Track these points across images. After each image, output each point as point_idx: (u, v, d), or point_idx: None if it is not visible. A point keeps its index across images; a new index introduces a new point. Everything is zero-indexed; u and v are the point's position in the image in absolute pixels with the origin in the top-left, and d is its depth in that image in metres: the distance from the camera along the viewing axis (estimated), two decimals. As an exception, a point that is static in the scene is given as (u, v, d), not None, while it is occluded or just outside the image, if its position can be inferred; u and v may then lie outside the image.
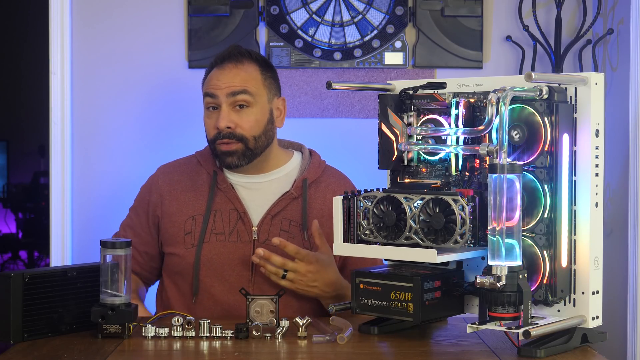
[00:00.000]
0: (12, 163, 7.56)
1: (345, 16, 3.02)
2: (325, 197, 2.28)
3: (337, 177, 2.35)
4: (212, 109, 2.23)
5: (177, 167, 2.34)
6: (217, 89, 2.22)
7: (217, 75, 2.24)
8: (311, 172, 2.29)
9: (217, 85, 2.22)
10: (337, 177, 2.35)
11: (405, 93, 1.94)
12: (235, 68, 2.24)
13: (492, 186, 1.68)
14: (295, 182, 2.27)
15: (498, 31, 3.05)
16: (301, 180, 2.27)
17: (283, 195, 2.25)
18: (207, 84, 2.25)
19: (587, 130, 1.76)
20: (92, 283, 1.93)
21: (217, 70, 2.25)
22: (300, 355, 1.80)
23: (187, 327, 1.88)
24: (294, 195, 2.25)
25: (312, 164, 2.31)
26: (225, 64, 2.25)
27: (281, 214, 2.24)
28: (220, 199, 2.25)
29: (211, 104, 2.23)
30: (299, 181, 2.27)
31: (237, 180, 2.28)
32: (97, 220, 3.02)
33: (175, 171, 2.32)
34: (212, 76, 2.25)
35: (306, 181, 2.27)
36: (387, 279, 1.85)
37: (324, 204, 2.27)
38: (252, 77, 2.24)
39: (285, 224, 2.23)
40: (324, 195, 2.28)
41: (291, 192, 2.25)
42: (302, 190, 2.26)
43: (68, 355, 1.76)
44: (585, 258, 1.76)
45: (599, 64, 2.99)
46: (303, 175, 2.28)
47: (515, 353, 1.76)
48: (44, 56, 3.10)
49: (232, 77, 2.22)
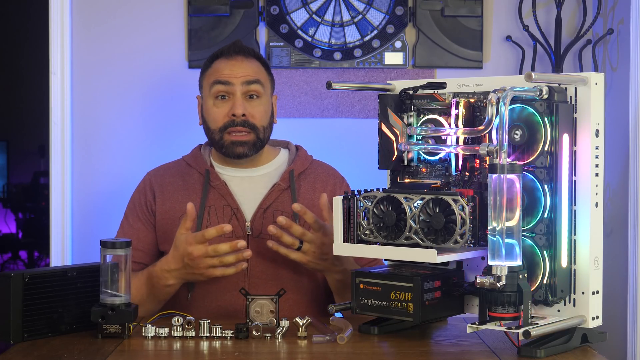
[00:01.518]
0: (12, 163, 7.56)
1: (345, 16, 3.02)
2: (314, 187, 2.31)
3: (324, 168, 2.38)
4: (221, 97, 2.25)
5: (167, 170, 2.36)
6: (231, 77, 2.24)
7: (229, 65, 2.27)
8: (297, 164, 2.32)
9: (231, 74, 2.25)
10: (324, 168, 2.38)
11: (405, 93, 1.94)
12: (246, 60, 2.28)
13: (492, 186, 1.68)
14: (284, 173, 2.29)
15: (498, 31, 3.05)
16: (288, 172, 2.29)
17: (272, 187, 2.27)
18: (218, 73, 2.26)
19: (587, 130, 1.76)
20: (92, 283, 1.93)
21: (227, 61, 2.28)
22: (300, 355, 1.80)
23: (187, 327, 1.88)
24: (282, 186, 2.27)
25: (298, 157, 2.34)
26: (234, 56, 2.28)
27: (272, 206, 2.25)
28: (213, 196, 2.26)
29: (222, 92, 2.25)
30: (285, 173, 2.29)
31: (230, 174, 2.29)
32: (97, 220, 3.02)
33: (166, 174, 2.34)
34: (221, 66, 2.27)
35: (293, 172, 2.29)
36: (387, 279, 1.85)
37: (313, 194, 2.30)
38: (260, 70, 2.30)
39: (278, 216, 2.23)
40: (314, 185, 2.31)
41: (279, 184, 2.27)
42: (290, 181, 2.27)
43: (68, 355, 1.76)
44: (585, 258, 1.76)
45: (599, 64, 2.99)
46: (290, 167, 2.30)
47: (515, 353, 1.76)
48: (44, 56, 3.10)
49: (245, 67, 2.27)
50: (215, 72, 2.27)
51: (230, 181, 2.29)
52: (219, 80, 2.25)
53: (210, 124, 2.27)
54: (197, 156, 2.34)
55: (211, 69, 2.30)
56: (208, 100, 2.27)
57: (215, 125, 2.26)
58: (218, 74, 2.26)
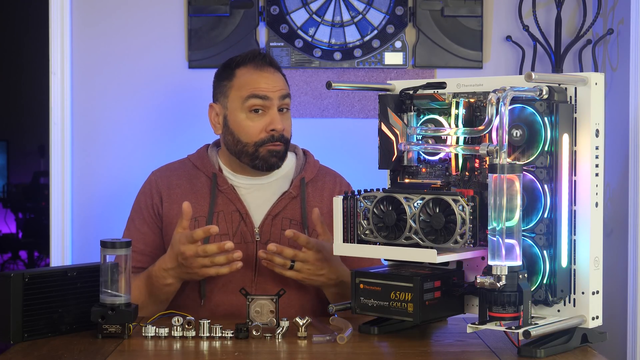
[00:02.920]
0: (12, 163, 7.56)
1: (345, 16, 3.02)
2: (322, 195, 2.31)
3: (332, 175, 2.38)
4: (255, 111, 2.23)
5: (173, 170, 2.33)
6: (269, 91, 2.22)
7: (263, 78, 2.24)
8: (308, 172, 2.31)
9: (267, 87, 2.23)
10: (332, 175, 2.38)
11: (405, 93, 1.94)
12: (277, 72, 2.28)
13: (492, 186, 1.68)
14: (293, 181, 2.28)
15: (498, 31, 3.06)
16: (299, 180, 2.28)
17: (282, 195, 2.26)
18: (252, 86, 2.23)
19: (587, 130, 1.76)
20: (92, 283, 1.93)
21: (259, 72, 2.25)
22: (300, 355, 1.80)
23: (187, 327, 1.88)
24: (292, 194, 2.26)
25: (307, 164, 2.33)
26: (266, 67, 2.26)
27: (281, 213, 2.25)
28: (222, 201, 2.25)
29: (258, 106, 2.22)
30: (296, 180, 2.28)
31: (239, 182, 2.28)
32: (97, 220, 3.02)
33: (172, 175, 2.31)
34: (254, 78, 2.24)
35: (304, 180, 2.28)
36: (387, 279, 1.85)
37: (322, 202, 2.29)
38: (285, 82, 2.30)
39: (286, 224, 2.24)
40: (322, 193, 2.31)
41: (290, 192, 2.26)
42: (300, 189, 2.27)
43: (68, 355, 1.76)
44: (585, 258, 1.76)
45: (599, 64, 2.99)
46: (300, 175, 2.29)
47: (515, 353, 1.76)
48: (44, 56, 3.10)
49: (277, 80, 2.26)
50: (249, 85, 2.23)
51: (238, 186, 2.27)
52: (257, 95, 2.22)
53: (242, 137, 2.23)
54: (203, 157, 2.31)
55: (239, 79, 2.25)
56: (238, 113, 2.23)
57: (250, 139, 2.22)
58: (253, 88, 2.22)
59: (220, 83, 2.29)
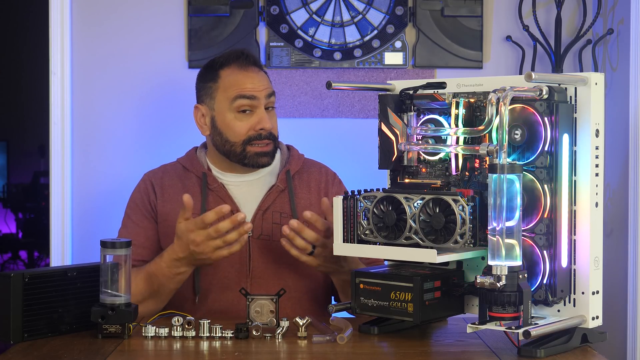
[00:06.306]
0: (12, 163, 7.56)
1: (345, 16, 3.02)
2: (309, 186, 2.32)
3: (317, 166, 2.39)
4: (243, 111, 2.24)
5: (165, 172, 2.35)
6: (256, 91, 2.24)
7: (249, 78, 2.25)
8: (292, 164, 2.33)
9: (254, 87, 2.24)
10: (317, 166, 2.39)
11: (405, 93, 1.94)
12: (261, 72, 2.29)
13: (492, 186, 1.68)
14: (279, 174, 2.29)
15: (498, 31, 3.05)
16: (284, 172, 2.30)
17: (270, 189, 2.28)
18: (238, 87, 2.24)
19: (587, 130, 1.76)
20: (92, 283, 1.94)
21: (244, 73, 2.26)
22: (300, 355, 1.80)
23: (187, 327, 1.88)
24: (280, 187, 2.28)
25: (292, 157, 2.35)
26: (250, 67, 2.27)
27: (271, 207, 2.27)
28: (213, 199, 2.26)
29: (246, 106, 2.23)
30: (282, 173, 2.30)
31: (228, 180, 2.29)
32: (97, 220, 3.02)
33: (165, 176, 2.33)
34: (239, 79, 2.25)
35: (289, 172, 2.30)
36: (387, 279, 1.85)
37: (309, 193, 2.31)
38: (269, 79, 2.31)
39: (277, 217, 2.25)
40: (309, 184, 2.33)
41: (277, 185, 2.28)
42: (287, 182, 2.28)
43: (68, 355, 1.76)
44: (585, 258, 1.76)
45: (599, 64, 2.99)
46: (286, 168, 2.31)
47: (515, 353, 1.76)
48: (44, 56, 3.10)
49: (262, 80, 2.27)
50: (235, 85, 2.24)
51: (228, 184, 2.29)
52: (244, 95, 2.23)
53: (230, 136, 2.24)
54: (192, 159, 2.33)
55: (224, 80, 2.26)
56: (227, 113, 2.24)
57: (238, 138, 2.24)
58: (240, 88, 2.24)
59: (204, 85, 2.30)
